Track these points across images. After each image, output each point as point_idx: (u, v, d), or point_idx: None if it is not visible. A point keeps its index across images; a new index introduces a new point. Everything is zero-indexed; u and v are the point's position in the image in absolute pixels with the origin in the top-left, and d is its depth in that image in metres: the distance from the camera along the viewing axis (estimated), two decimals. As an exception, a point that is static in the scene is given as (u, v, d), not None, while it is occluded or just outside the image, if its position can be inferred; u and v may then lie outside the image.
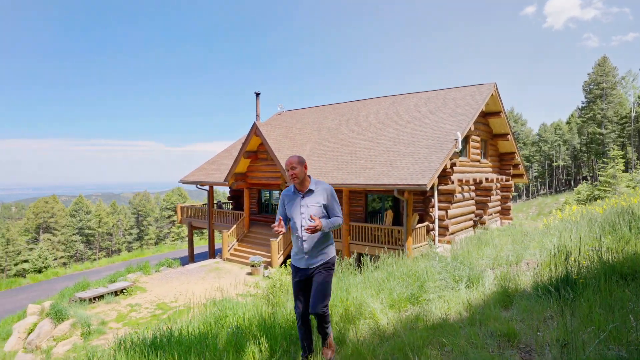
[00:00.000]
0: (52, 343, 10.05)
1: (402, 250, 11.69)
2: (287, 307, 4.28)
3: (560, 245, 4.41)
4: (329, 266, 3.15)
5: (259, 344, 3.22)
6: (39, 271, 30.51)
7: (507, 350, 2.61)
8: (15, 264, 42.40)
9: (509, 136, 18.51)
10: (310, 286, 3.14)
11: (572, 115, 71.59)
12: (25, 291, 17.07)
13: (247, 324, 3.80)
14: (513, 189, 20.75)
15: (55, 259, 45.79)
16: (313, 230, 2.91)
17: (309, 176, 3.20)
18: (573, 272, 3.45)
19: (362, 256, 7.21)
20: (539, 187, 72.72)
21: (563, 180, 72.95)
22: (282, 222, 3.05)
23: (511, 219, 20.60)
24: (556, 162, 68.20)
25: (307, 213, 3.08)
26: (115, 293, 13.04)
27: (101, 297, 12.74)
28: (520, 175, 20.74)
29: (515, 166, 20.10)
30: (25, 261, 41.87)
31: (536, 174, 70.24)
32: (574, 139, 66.79)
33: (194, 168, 22.53)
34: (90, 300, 12.51)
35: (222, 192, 61.55)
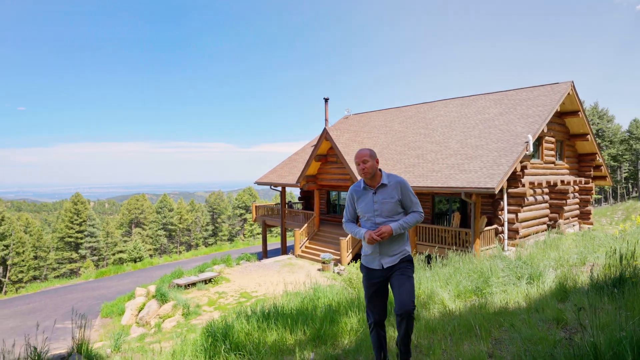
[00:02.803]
0: (159, 320, 11.92)
1: (470, 251, 11.96)
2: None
3: (623, 249, 4.75)
4: (408, 261, 2.91)
5: (350, 316, 4.10)
6: (134, 261, 34.69)
7: (555, 330, 3.21)
8: (113, 254, 48.32)
9: (588, 136, 17.60)
10: (385, 290, 2.95)
11: (671, 108, 63.72)
12: (128, 277, 19.87)
13: (337, 304, 4.71)
14: (594, 191, 19.57)
15: (145, 251, 51.26)
16: (380, 237, 2.76)
17: (380, 170, 2.99)
18: (626, 272, 3.88)
19: (431, 256, 7.81)
20: (630, 190, 65.68)
21: (660, 182, 65.13)
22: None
23: (591, 223, 19.45)
24: (651, 161, 61.17)
25: (382, 210, 2.88)
26: (205, 282, 14.85)
27: (194, 284, 14.61)
28: (602, 178, 19.51)
29: (597, 167, 18.97)
30: (122, 252, 47.56)
31: (626, 174, 63.51)
32: (674, 135, 59.42)
33: (263, 168, 24.32)
34: (185, 286, 14.43)
35: (289, 192, 64.22)
